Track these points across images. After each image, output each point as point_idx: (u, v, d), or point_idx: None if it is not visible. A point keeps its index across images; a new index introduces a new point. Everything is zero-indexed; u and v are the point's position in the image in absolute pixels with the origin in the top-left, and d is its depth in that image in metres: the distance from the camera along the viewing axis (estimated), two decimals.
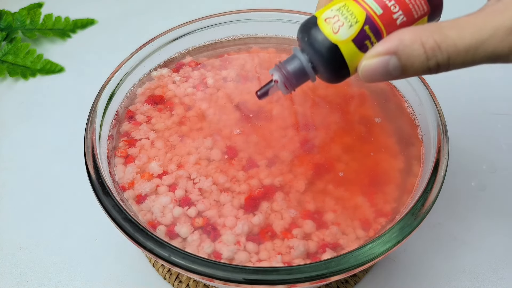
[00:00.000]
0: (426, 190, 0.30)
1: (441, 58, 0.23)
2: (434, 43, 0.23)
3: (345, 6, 0.26)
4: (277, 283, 0.26)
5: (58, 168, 0.47)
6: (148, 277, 0.39)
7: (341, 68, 0.27)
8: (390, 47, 0.24)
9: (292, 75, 0.29)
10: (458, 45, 0.22)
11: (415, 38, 0.23)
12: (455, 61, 0.23)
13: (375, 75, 0.25)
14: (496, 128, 0.50)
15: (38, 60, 0.57)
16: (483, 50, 0.22)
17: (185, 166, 0.35)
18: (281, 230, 0.31)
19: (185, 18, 0.44)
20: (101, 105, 0.36)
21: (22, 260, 0.40)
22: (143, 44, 0.40)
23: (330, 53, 0.26)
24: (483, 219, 0.42)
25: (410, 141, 0.37)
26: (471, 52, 0.22)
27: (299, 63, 0.28)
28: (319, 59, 0.27)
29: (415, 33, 0.23)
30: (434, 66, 0.23)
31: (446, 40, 0.22)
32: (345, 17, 0.26)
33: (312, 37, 0.27)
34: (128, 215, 0.29)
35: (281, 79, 0.29)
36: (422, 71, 0.24)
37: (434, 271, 0.39)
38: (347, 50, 0.26)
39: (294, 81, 0.29)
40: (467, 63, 0.23)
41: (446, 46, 0.23)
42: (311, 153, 0.35)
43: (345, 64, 0.26)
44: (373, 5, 0.26)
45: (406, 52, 0.23)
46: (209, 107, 0.39)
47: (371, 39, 0.26)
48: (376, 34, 0.26)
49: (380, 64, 0.24)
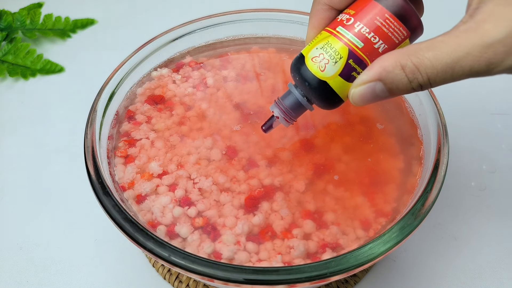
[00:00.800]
0: (426, 190, 0.30)
1: (421, 79, 0.24)
2: (413, 66, 0.24)
3: (328, 43, 0.28)
4: (277, 283, 0.26)
5: (58, 168, 0.47)
6: (148, 277, 0.39)
7: (333, 99, 0.29)
8: (374, 75, 0.25)
9: (290, 109, 0.31)
10: (435, 66, 0.23)
11: (395, 64, 0.24)
12: (435, 81, 0.24)
13: (365, 100, 0.26)
14: (496, 128, 0.50)
15: (38, 60, 0.57)
16: (460, 68, 0.23)
17: (185, 166, 0.35)
18: (281, 230, 0.31)
19: (185, 18, 0.44)
20: (101, 105, 0.36)
21: (22, 260, 0.40)
22: (143, 44, 0.40)
23: (320, 89, 0.28)
24: (483, 219, 0.42)
25: (410, 141, 0.37)
26: (448, 71, 0.23)
27: (294, 98, 0.31)
28: (312, 94, 0.29)
29: (395, 58, 0.24)
30: (417, 86, 0.25)
31: (424, 62, 0.24)
32: (329, 54, 0.28)
33: (302, 76, 0.29)
34: (128, 215, 0.29)
35: (281, 115, 0.31)
36: (408, 91, 0.25)
37: (434, 271, 0.39)
38: (336, 84, 0.28)
39: (293, 115, 0.31)
40: (447, 81, 0.24)
41: (424, 68, 0.24)
42: (311, 153, 0.35)
43: (336, 95, 0.28)
44: (354, 39, 0.27)
45: (390, 77, 0.25)
46: (209, 107, 0.39)
47: (357, 70, 0.27)
48: (361, 64, 0.27)
49: (368, 90, 0.26)
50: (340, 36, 0.27)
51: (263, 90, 0.41)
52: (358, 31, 0.27)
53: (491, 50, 0.22)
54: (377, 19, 0.27)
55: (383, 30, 0.27)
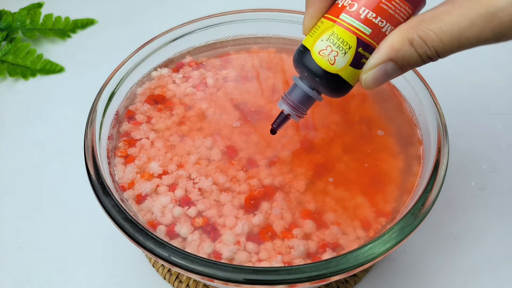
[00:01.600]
0: (426, 190, 0.30)
1: (429, 52, 0.24)
2: (419, 39, 0.24)
3: (333, 34, 0.27)
4: (277, 283, 0.26)
5: (58, 168, 0.47)
6: (148, 277, 0.39)
7: (344, 87, 0.28)
8: (383, 56, 0.25)
9: (299, 104, 0.30)
10: (441, 38, 0.23)
11: (403, 40, 0.24)
12: (443, 53, 0.24)
13: (378, 82, 0.26)
14: (496, 128, 0.50)
15: (38, 60, 0.57)
16: (466, 39, 0.23)
17: (185, 166, 0.35)
18: (281, 230, 0.31)
19: (185, 18, 0.44)
20: (101, 105, 0.36)
21: (22, 260, 0.40)
22: (143, 44, 0.40)
23: (332, 81, 0.28)
24: (483, 219, 0.42)
25: (410, 141, 0.37)
26: (455, 43, 0.23)
27: (302, 91, 0.30)
28: (322, 87, 0.28)
29: (401, 34, 0.24)
30: (427, 59, 0.24)
31: (429, 34, 0.23)
32: (337, 46, 0.27)
33: (311, 71, 0.28)
34: (128, 215, 0.29)
35: (292, 111, 0.31)
36: (418, 64, 0.25)
37: (434, 271, 0.39)
38: (347, 74, 0.27)
39: (303, 109, 0.30)
40: (455, 51, 0.24)
41: (431, 41, 0.23)
42: (311, 153, 0.35)
43: (347, 83, 0.28)
44: (361, 26, 0.26)
45: (400, 55, 0.24)
46: (209, 107, 0.39)
47: (366, 56, 0.27)
48: (369, 50, 0.27)
49: (379, 72, 0.25)
50: (346, 24, 0.26)
51: (263, 90, 0.41)
52: (365, 17, 0.26)
53: (496, 19, 0.22)
54: (381, 0, 0.26)
55: (388, 12, 0.26)
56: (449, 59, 0.26)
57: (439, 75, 0.26)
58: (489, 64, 0.57)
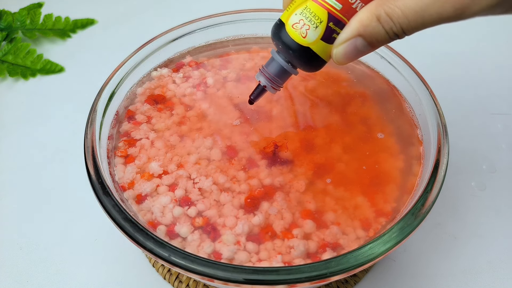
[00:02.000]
0: (426, 190, 0.30)
1: (395, 28, 0.24)
2: (386, 16, 0.24)
3: (306, 8, 0.28)
4: (277, 283, 0.26)
5: (58, 168, 0.47)
6: (148, 277, 0.39)
7: (317, 62, 0.29)
8: (353, 32, 0.26)
9: (276, 76, 0.32)
10: (406, 14, 0.23)
11: (371, 16, 0.25)
12: (408, 28, 0.24)
13: (349, 57, 0.27)
14: (496, 128, 0.50)
15: (38, 60, 0.57)
16: (429, 15, 0.23)
17: (185, 166, 0.35)
18: (281, 230, 0.31)
19: (185, 18, 0.44)
20: (101, 105, 0.36)
21: (22, 260, 0.40)
22: (143, 44, 0.40)
23: (304, 55, 0.29)
24: (483, 219, 0.42)
25: (410, 141, 0.37)
26: (419, 19, 0.23)
27: (278, 65, 0.31)
28: (295, 60, 0.30)
29: (370, 10, 0.25)
30: (394, 36, 0.25)
31: (395, 11, 0.24)
32: (309, 19, 0.28)
33: (285, 44, 0.29)
34: (128, 215, 0.29)
35: (268, 83, 0.32)
36: (386, 41, 0.25)
37: (434, 271, 0.39)
38: (318, 48, 0.28)
39: (279, 81, 0.32)
40: (420, 28, 0.24)
41: (396, 17, 0.24)
42: (311, 153, 0.35)
43: (319, 57, 0.29)
44: (332, 1, 0.27)
45: (368, 31, 0.25)
46: (209, 107, 0.39)
47: (337, 31, 0.27)
48: (340, 25, 0.27)
49: (349, 47, 0.26)
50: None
51: None
52: None
53: None
54: None
55: None
56: (449, 59, 0.26)
57: (439, 75, 0.26)
58: (489, 64, 0.57)
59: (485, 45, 0.59)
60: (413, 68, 0.38)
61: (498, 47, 0.59)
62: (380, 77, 0.41)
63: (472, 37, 0.60)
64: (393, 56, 0.39)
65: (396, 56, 0.39)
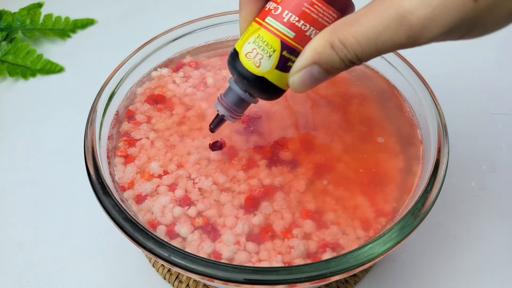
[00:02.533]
0: (426, 190, 0.30)
1: (350, 56, 0.24)
2: (339, 43, 0.23)
3: (259, 37, 0.27)
4: (277, 283, 0.26)
5: (58, 168, 0.47)
6: (148, 277, 0.39)
7: (274, 91, 0.28)
8: (308, 60, 0.25)
9: (234, 106, 0.30)
10: (359, 41, 0.23)
11: (325, 44, 0.24)
12: (363, 55, 0.23)
13: (306, 86, 0.26)
14: (496, 128, 0.50)
15: (38, 60, 0.57)
16: (382, 42, 0.22)
17: (185, 166, 0.35)
18: (281, 230, 0.31)
19: (185, 18, 0.44)
20: (101, 105, 0.36)
21: (22, 260, 0.40)
22: (143, 44, 0.40)
23: (259, 84, 0.28)
24: (483, 219, 0.42)
25: (410, 141, 0.37)
26: (372, 46, 0.23)
27: (236, 94, 0.30)
28: (252, 89, 0.29)
29: (323, 38, 0.24)
30: (349, 63, 0.24)
31: (348, 38, 0.23)
32: (262, 48, 0.27)
33: (239, 73, 0.28)
34: (128, 215, 0.29)
35: (226, 113, 0.31)
36: (342, 68, 0.25)
37: (434, 271, 0.39)
38: (274, 77, 0.27)
39: (238, 111, 0.31)
40: (374, 56, 0.23)
41: (350, 45, 0.23)
42: (311, 153, 0.35)
43: (276, 87, 0.28)
44: (285, 30, 0.26)
45: (323, 58, 0.24)
46: (209, 107, 0.39)
47: (292, 59, 0.27)
48: (295, 53, 0.27)
49: (306, 76, 0.25)
50: (270, 27, 0.27)
51: None
52: (288, 20, 0.26)
53: (406, 22, 0.21)
54: (304, 5, 0.26)
55: (311, 16, 0.26)
56: (449, 59, 0.26)
57: (439, 75, 0.26)
58: (489, 64, 0.57)
59: (485, 45, 0.59)
60: (413, 68, 0.38)
61: (498, 47, 0.59)
62: (380, 77, 0.41)
63: None
64: (393, 56, 0.39)
65: (396, 56, 0.39)
